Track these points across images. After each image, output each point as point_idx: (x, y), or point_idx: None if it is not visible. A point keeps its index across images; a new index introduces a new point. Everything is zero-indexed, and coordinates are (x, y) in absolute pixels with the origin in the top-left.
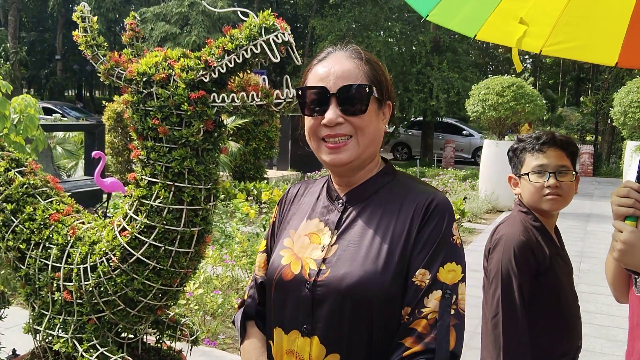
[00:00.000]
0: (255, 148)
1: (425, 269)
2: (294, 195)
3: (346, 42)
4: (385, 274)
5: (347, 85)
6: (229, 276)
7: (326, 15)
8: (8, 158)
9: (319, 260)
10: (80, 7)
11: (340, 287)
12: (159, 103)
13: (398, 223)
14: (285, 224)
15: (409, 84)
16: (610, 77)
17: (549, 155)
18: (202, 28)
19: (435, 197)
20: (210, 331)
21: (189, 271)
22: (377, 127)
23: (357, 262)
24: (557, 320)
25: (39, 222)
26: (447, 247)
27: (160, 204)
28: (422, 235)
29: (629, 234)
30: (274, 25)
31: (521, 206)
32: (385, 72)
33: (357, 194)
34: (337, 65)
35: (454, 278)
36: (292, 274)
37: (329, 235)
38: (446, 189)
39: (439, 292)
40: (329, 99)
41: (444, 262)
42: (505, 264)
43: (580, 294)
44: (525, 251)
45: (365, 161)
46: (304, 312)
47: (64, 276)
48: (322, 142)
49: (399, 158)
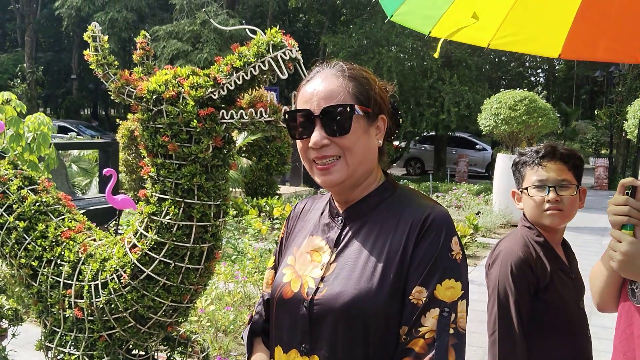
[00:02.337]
0: (267, 164)
1: (422, 286)
2: (300, 211)
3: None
4: (379, 292)
5: (329, 106)
6: (241, 292)
7: (337, 32)
8: (21, 176)
9: (317, 279)
10: (92, 27)
11: (335, 306)
12: (169, 120)
13: (394, 240)
14: (291, 240)
15: (420, 98)
16: (624, 90)
17: (549, 169)
18: (213, 46)
19: (432, 211)
20: (222, 348)
21: (199, 287)
22: (366, 144)
23: (352, 281)
24: (561, 339)
25: (51, 239)
26: (444, 263)
27: (170, 221)
28: (419, 251)
29: (629, 245)
30: (282, 42)
31: (525, 221)
32: (375, 85)
33: (355, 210)
34: (321, 85)
35: (452, 295)
36: (291, 292)
37: (329, 253)
38: (459, 203)
39: (437, 310)
40: (314, 121)
41: (441, 278)
42: (502, 280)
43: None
44: (522, 267)
45: (360, 179)
46: (303, 331)
47: (75, 293)
48: (314, 163)
49: (411, 173)
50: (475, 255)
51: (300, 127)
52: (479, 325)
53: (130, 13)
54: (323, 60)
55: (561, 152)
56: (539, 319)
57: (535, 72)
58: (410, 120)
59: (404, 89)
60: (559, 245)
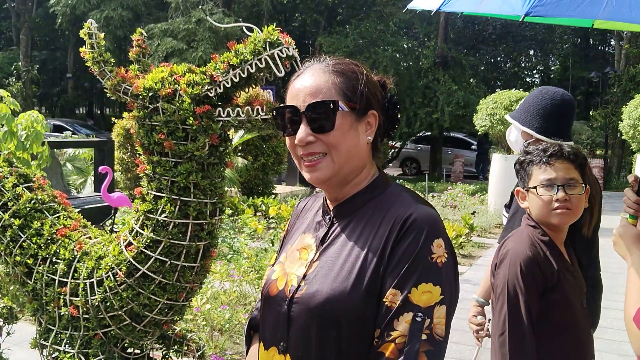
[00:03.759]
0: (263, 163)
1: (397, 288)
2: (301, 210)
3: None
4: (354, 292)
5: (313, 102)
6: (237, 291)
7: (333, 33)
8: (16, 174)
9: (300, 277)
10: (88, 24)
11: (310, 305)
12: (165, 118)
13: (375, 239)
14: (288, 238)
15: (415, 97)
16: (619, 90)
17: (557, 168)
18: (208, 44)
19: (415, 211)
20: (218, 347)
21: (195, 286)
22: (354, 141)
23: (329, 280)
24: (567, 338)
25: (46, 237)
26: (422, 266)
27: (166, 218)
28: (396, 252)
29: (621, 227)
30: (279, 40)
31: (529, 220)
32: (365, 79)
33: (344, 208)
34: (308, 81)
35: (429, 300)
36: (277, 290)
37: (314, 251)
38: (455, 203)
39: (410, 314)
40: (300, 118)
41: (417, 282)
42: (511, 280)
43: None
44: (532, 267)
45: (348, 176)
46: (282, 329)
47: (71, 291)
48: (302, 160)
49: (407, 173)
50: (471, 255)
51: (287, 124)
52: None
53: (125, 11)
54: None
55: (568, 151)
56: (546, 319)
57: (530, 73)
58: (405, 120)
59: (399, 89)
60: (562, 245)
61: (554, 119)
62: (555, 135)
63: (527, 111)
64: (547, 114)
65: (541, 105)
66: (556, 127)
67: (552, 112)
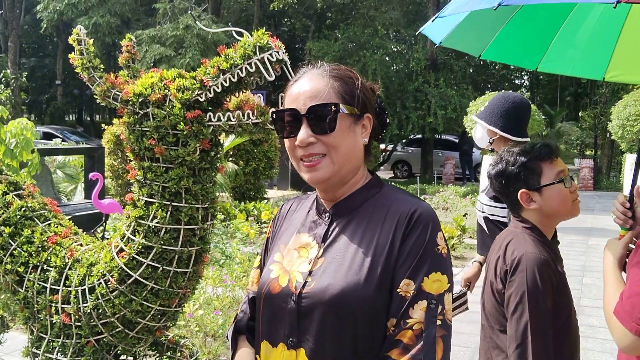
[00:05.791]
0: (255, 168)
1: (410, 279)
2: (287, 211)
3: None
4: (368, 285)
5: (315, 105)
6: (230, 297)
7: (322, 38)
8: (6, 181)
9: (305, 273)
10: (77, 30)
11: (324, 299)
12: (155, 123)
13: (382, 234)
14: (277, 239)
15: (406, 101)
16: (607, 91)
17: (560, 161)
18: (197, 51)
19: (418, 206)
20: (212, 353)
21: (188, 291)
22: (352, 142)
23: (341, 274)
24: (569, 338)
25: (37, 244)
26: (431, 256)
27: (157, 224)
28: (406, 245)
29: (608, 240)
30: (268, 44)
31: (525, 223)
32: (360, 85)
33: (343, 207)
34: (307, 85)
35: (439, 288)
36: (279, 287)
37: (317, 248)
38: (447, 205)
39: (424, 302)
40: (300, 120)
41: (428, 272)
42: (532, 287)
43: (583, 308)
44: (547, 270)
45: (346, 176)
46: (290, 325)
47: (62, 299)
48: (301, 161)
49: (399, 176)
50: (463, 257)
51: (287, 126)
52: (467, 325)
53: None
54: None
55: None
56: (556, 321)
57: (519, 75)
58: (396, 123)
59: (389, 91)
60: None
61: (514, 119)
62: (514, 132)
63: (492, 112)
64: (509, 115)
65: (504, 107)
66: (516, 126)
67: (512, 113)
